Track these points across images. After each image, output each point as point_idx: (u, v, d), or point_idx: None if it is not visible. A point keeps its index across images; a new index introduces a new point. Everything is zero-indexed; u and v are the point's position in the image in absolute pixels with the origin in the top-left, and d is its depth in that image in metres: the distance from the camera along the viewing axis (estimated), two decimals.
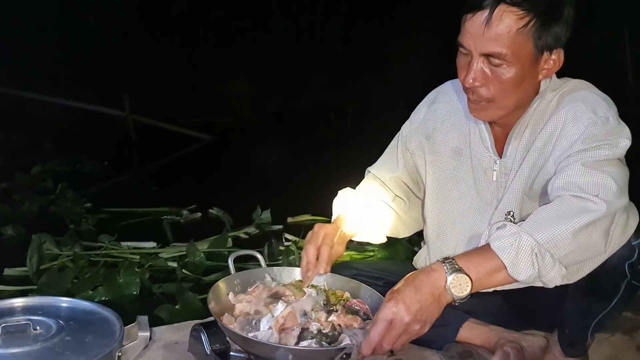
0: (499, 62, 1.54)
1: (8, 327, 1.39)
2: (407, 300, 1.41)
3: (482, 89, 1.59)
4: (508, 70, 1.55)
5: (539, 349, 1.78)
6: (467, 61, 1.59)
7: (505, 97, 1.59)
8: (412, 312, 1.40)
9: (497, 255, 1.44)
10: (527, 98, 1.64)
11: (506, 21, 1.51)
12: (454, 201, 1.83)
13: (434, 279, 1.44)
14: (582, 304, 1.65)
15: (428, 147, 1.87)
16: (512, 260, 1.43)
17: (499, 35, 1.51)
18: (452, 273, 1.43)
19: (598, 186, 1.47)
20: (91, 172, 5.23)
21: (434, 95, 1.92)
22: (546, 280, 1.46)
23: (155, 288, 2.96)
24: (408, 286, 1.43)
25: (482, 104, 1.62)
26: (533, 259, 1.43)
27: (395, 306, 1.40)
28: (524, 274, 1.43)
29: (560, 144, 1.58)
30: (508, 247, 1.44)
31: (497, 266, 1.44)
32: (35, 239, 3.14)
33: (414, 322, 1.41)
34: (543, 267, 1.43)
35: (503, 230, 1.47)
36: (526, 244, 1.43)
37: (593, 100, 1.60)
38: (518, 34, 1.51)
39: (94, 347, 1.38)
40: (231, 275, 1.83)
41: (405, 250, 3.21)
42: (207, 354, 1.66)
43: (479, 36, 1.53)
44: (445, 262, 1.45)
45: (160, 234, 3.68)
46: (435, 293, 1.43)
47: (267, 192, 4.41)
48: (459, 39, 1.59)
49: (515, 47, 1.52)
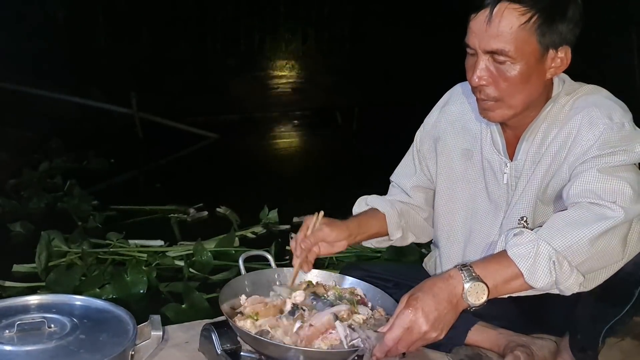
0: (503, 59, 1.54)
1: (23, 324, 1.40)
2: (426, 308, 1.41)
3: (488, 88, 1.59)
4: (513, 67, 1.55)
5: (549, 354, 1.77)
6: (473, 61, 1.60)
7: (512, 95, 1.58)
8: (430, 321, 1.41)
9: (514, 263, 1.45)
10: (537, 97, 1.63)
11: (508, 18, 1.51)
12: (464, 203, 1.83)
13: (452, 286, 1.44)
14: (595, 310, 1.64)
15: (439, 149, 1.88)
16: (530, 268, 1.43)
17: (501, 31, 1.52)
18: (469, 281, 1.44)
19: (615, 192, 1.48)
20: (98, 169, 5.25)
21: (446, 98, 1.92)
22: (563, 287, 1.47)
23: (163, 287, 2.98)
24: (426, 293, 1.44)
25: (490, 104, 1.62)
26: (551, 266, 1.43)
27: (414, 314, 1.41)
28: (541, 282, 1.44)
29: (575, 149, 1.58)
30: (525, 255, 1.44)
31: (514, 274, 1.45)
32: (44, 236, 3.16)
33: (431, 330, 1.42)
34: (561, 275, 1.44)
35: (520, 237, 1.47)
36: (544, 251, 1.43)
37: (608, 106, 1.59)
38: (520, 30, 1.52)
39: (107, 346, 1.38)
40: (242, 276, 1.84)
41: (413, 252, 3.21)
42: (217, 354, 1.67)
43: (482, 34, 1.54)
44: (462, 269, 1.46)
45: (167, 232, 3.70)
46: (452, 301, 1.44)
47: (274, 191, 4.42)
48: (466, 40, 1.60)
49: (518, 43, 1.52)
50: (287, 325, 1.58)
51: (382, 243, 1.96)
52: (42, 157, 5.09)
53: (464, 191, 1.83)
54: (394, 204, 1.92)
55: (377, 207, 1.90)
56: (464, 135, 1.83)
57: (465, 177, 1.83)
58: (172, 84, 7.48)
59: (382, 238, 1.94)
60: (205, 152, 6.19)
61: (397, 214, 1.90)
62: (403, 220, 1.92)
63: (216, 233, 3.53)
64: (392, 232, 1.91)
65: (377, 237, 1.93)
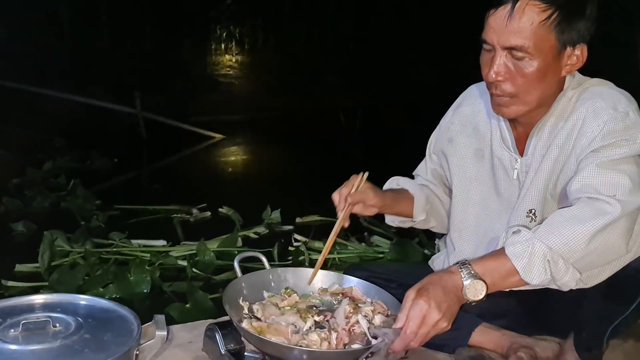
0: (522, 55, 1.54)
1: (28, 323, 1.40)
2: (437, 298, 1.46)
3: (505, 84, 1.59)
4: (530, 64, 1.55)
5: (552, 355, 1.77)
6: (490, 57, 1.59)
7: (528, 92, 1.59)
8: (442, 310, 1.46)
9: (510, 261, 1.50)
10: (550, 94, 1.63)
11: (528, 14, 1.52)
12: (476, 203, 1.84)
13: (454, 280, 1.50)
14: (602, 308, 1.64)
15: (452, 151, 1.89)
16: (525, 266, 1.48)
17: (521, 27, 1.52)
18: (468, 279, 1.50)
19: (614, 186, 1.49)
20: (102, 169, 5.26)
21: (460, 99, 1.93)
22: (560, 284, 1.51)
23: (166, 286, 2.98)
24: (435, 285, 1.49)
25: (505, 100, 1.62)
26: (545, 265, 1.47)
27: (427, 303, 1.45)
28: (536, 279, 1.49)
29: (581, 140, 1.59)
30: (521, 254, 1.49)
31: (511, 270, 1.50)
32: (47, 236, 3.17)
33: (442, 319, 1.46)
34: (556, 272, 1.48)
35: (518, 235, 1.52)
36: (539, 250, 1.47)
37: (613, 96, 1.60)
38: (540, 27, 1.52)
39: (112, 345, 1.39)
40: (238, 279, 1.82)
41: (416, 253, 3.21)
42: (221, 354, 1.67)
43: (502, 30, 1.54)
44: (462, 267, 1.51)
45: (170, 232, 3.71)
46: (457, 294, 1.50)
47: (277, 191, 4.42)
48: (482, 36, 1.59)
49: (538, 40, 1.53)
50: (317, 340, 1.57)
51: (404, 223, 2.01)
52: (46, 157, 5.10)
53: (477, 191, 1.84)
54: (423, 188, 1.98)
55: (408, 188, 1.95)
56: (475, 136, 1.84)
57: (477, 178, 1.84)
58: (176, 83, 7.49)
59: (405, 218, 1.99)
60: (208, 152, 6.19)
61: (424, 198, 1.96)
62: (428, 205, 1.97)
63: (219, 233, 3.54)
64: (417, 214, 1.96)
65: (402, 216, 1.98)
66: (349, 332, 1.60)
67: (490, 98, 1.67)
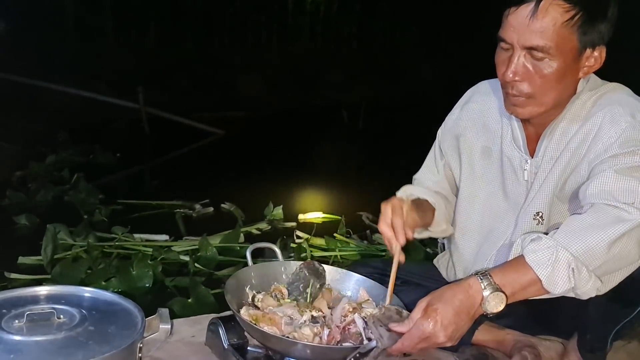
0: (542, 55, 1.51)
1: (32, 315, 1.40)
2: (445, 321, 1.42)
3: (522, 84, 1.56)
4: (550, 65, 1.52)
5: (556, 355, 1.77)
6: (507, 56, 1.56)
7: (545, 93, 1.56)
8: (448, 334, 1.42)
9: (532, 270, 1.44)
10: (566, 96, 1.61)
11: (552, 14, 1.49)
12: (483, 200, 1.82)
13: (472, 297, 1.45)
14: (606, 310, 1.63)
15: (459, 147, 1.86)
16: (549, 275, 1.43)
17: (544, 27, 1.49)
18: (489, 291, 1.44)
19: (632, 193, 1.46)
20: (104, 163, 5.26)
21: (468, 95, 1.90)
22: (580, 292, 1.46)
23: (168, 281, 2.98)
24: (447, 305, 1.43)
25: (521, 100, 1.59)
26: (570, 273, 1.43)
27: (434, 326, 1.41)
28: (560, 288, 1.44)
29: (596, 146, 1.56)
30: (544, 262, 1.43)
31: (532, 280, 1.45)
32: (50, 229, 3.16)
33: (447, 341, 1.43)
34: (579, 281, 1.43)
35: (538, 243, 1.46)
36: (563, 258, 1.42)
37: (631, 104, 1.58)
38: (563, 27, 1.49)
39: (116, 338, 1.39)
40: (248, 268, 1.83)
41: (418, 251, 3.21)
42: (224, 348, 1.68)
43: (524, 29, 1.50)
44: (482, 279, 1.45)
45: (172, 227, 3.70)
46: (471, 312, 1.45)
47: (279, 188, 4.42)
48: (500, 34, 1.56)
49: (559, 40, 1.50)
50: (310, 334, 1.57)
51: (421, 234, 1.89)
52: (49, 150, 5.09)
53: (483, 189, 1.82)
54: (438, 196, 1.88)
55: (428, 198, 1.85)
56: (484, 133, 1.81)
57: (484, 176, 1.81)
58: (179, 79, 7.48)
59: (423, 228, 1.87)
60: (211, 148, 6.19)
61: (444, 206, 1.88)
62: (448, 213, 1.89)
63: (221, 229, 3.54)
64: (440, 223, 1.87)
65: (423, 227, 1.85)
66: (343, 330, 1.59)
67: (505, 97, 1.64)
